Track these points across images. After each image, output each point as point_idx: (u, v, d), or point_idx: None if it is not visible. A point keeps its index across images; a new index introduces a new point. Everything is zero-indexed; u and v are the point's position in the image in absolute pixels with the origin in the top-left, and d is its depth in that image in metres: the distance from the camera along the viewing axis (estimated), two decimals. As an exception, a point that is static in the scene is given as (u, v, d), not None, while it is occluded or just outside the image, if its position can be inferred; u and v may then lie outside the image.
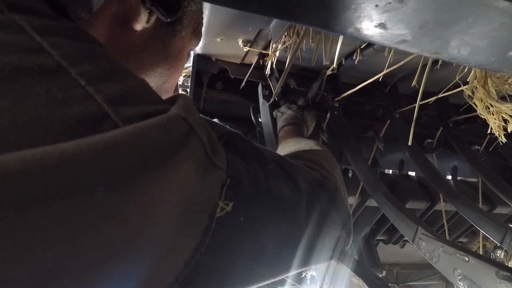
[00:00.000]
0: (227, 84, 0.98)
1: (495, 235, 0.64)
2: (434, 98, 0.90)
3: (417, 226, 0.60)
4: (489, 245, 1.38)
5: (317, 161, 0.46)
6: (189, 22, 0.44)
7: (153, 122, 0.19)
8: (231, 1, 0.30)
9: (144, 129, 0.18)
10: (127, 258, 0.18)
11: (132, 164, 0.18)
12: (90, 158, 0.16)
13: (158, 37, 0.40)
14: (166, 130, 0.19)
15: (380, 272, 1.26)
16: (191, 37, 0.46)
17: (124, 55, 0.37)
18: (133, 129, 0.18)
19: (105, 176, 0.17)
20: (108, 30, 0.35)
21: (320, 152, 0.53)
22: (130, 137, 0.18)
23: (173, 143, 0.20)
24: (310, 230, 0.33)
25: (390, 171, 1.25)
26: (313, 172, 0.41)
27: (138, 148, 0.18)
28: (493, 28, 0.29)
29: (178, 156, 0.20)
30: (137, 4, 0.36)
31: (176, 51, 0.43)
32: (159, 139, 0.19)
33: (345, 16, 0.29)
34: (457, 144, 0.97)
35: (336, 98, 0.91)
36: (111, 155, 0.17)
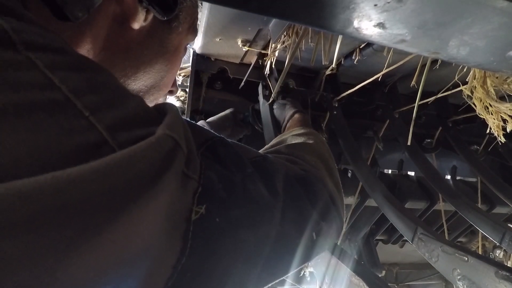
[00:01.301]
0: (226, 84, 0.98)
1: (494, 235, 0.64)
2: (433, 98, 0.90)
3: (417, 226, 0.60)
4: (488, 245, 1.39)
5: (300, 155, 0.47)
6: (185, 18, 0.45)
7: (144, 144, 0.22)
8: (230, 0, 0.30)
9: (137, 150, 0.21)
10: (122, 272, 0.20)
11: (128, 182, 0.20)
12: (93, 180, 0.19)
13: (156, 35, 0.41)
14: (155, 148, 0.22)
15: (380, 272, 1.26)
16: (187, 33, 0.47)
17: (122, 53, 0.38)
18: (128, 151, 0.21)
19: (105, 196, 0.19)
20: (107, 30, 0.36)
21: (310, 145, 0.54)
22: (125, 158, 0.20)
23: (162, 159, 0.22)
24: (287, 229, 0.34)
25: (389, 171, 1.25)
26: (292, 166, 0.42)
27: (133, 167, 0.21)
28: (492, 28, 0.29)
29: (168, 171, 0.22)
30: (135, 3, 0.36)
31: (173, 47, 0.45)
32: (150, 157, 0.22)
33: (344, 15, 0.29)
34: (456, 144, 0.97)
35: (335, 98, 0.91)
36: (111, 175, 0.19)
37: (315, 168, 0.46)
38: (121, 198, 0.20)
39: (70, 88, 0.21)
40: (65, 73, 0.21)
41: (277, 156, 0.44)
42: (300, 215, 0.37)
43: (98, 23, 0.35)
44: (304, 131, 0.62)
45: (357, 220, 1.15)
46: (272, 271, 0.34)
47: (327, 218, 0.42)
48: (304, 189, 0.40)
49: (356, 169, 0.81)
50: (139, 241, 0.21)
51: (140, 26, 0.38)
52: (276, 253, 0.33)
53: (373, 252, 1.25)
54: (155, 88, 0.46)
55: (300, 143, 0.55)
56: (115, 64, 0.39)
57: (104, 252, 0.19)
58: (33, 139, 0.18)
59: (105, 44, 0.37)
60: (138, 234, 0.21)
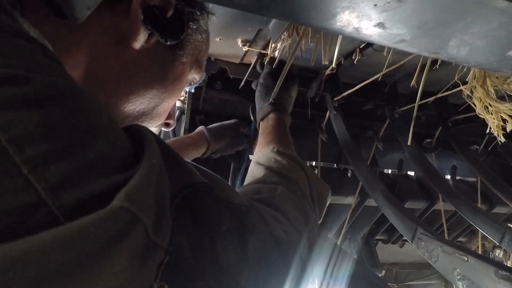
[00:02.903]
0: (226, 84, 0.98)
1: (494, 235, 0.64)
2: (433, 98, 0.90)
3: (416, 225, 0.60)
4: (488, 245, 1.39)
5: (286, 212, 0.43)
6: (192, 50, 0.43)
7: (93, 219, 0.19)
8: (230, 0, 0.29)
9: (82, 228, 0.18)
10: None
11: (67, 263, 0.18)
12: (24, 260, 0.16)
13: (157, 59, 0.39)
14: (106, 226, 0.19)
15: (380, 272, 1.26)
16: (192, 66, 0.45)
17: (118, 71, 0.36)
18: (71, 228, 0.18)
19: (38, 276, 0.17)
20: (103, 43, 0.34)
21: (294, 198, 0.49)
22: (67, 237, 0.18)
23: (113, 237, 0.19)
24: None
25: (389, 170, 1.25)
26: (275, 225, 0.37)
27: (74, 248, 0.18)
28: (492, 28, 0.29)
29: (116, 248, 0.19)
30: (137, 23, 0.35)
31: (174, 76, 0.42)
32: (98, 236, 0.19)
33: (344, 15, 0.29)
34: (456, 144, 0.97)
35: (335, 98, 0.91)
36: (46, 255, 0.17)
37: (295, 229, 0.41)
38: (54, 281, 0.17)
39: (12, 137, 0.17)
40: (11, 114, 0.18)
41: (263, 208, 0.39)
42: (271, 278, 0.33)
43: (93, 34, 0.33)
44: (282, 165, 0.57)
45: (357, 220, 1.15)
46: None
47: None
48: (281, 253, 0.35)
49: (356, 169, 0.81)
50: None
51: (140, 46, 0.36)
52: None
53: (373, 252, 1.25)
54: (146, 116, 0.42)
55: (286, 195, 0.48)
56: (108, 81, 0.36)
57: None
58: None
59: (100, 58, 0.35)
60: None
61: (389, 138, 1.07)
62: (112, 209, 0.20)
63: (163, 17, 0.36)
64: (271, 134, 0.68)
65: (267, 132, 0.70)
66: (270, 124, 0.71)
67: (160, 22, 0.36)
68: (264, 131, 0.71)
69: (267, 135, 0.69)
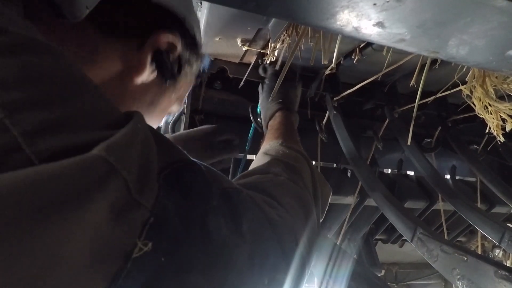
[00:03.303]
0: (226, 84, 0.98)
1: (494, 235, 0.64)
2: (432, 97, 0.90)
3: (416, 225, 0.60)
4: (488, 245, 1.39)
5: (279, 199, 0.42)
6: (179, 88, 0.47)
7: (69, 163, 0.19)
8: (230, 0, 0.29)
9: (56, 170, 0.18)
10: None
11: (39, 205, 0.17)
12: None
13: (150, 93, 0.42)
14: (82, 172, 0.19)
15: (379, 272, 1.26)
16: (175, 101, 0.49)
17: (114, 98, 0.37)
18: (46, 169, 0.18)
19: (3, 219, 0.16)
20: (109, 71, 0.36)
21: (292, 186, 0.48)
22: (41, 177, 0.18)
23: (89, 184, 0.19)
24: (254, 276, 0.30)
25: (389, 170, 1.25)
26: (269, 210, 0.37)
27: (48, 190, 0.18)
28: (492, 27, 0.29)
29: (91, 198, 0.19)
30: (146, 62, 0.38)
31: (160, 109, 0.46)
32: (73, 180, 0.19)
33: (343, 14, 0.29)
34: (456, 144, 0.97)
35: (335, 98, 0.91)
36: (17, 195, 0.17)
37: (291, 215, 0.41)
38: (27, 222, 0.17)
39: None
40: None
41: (255, 194, 0.39)
42: (267, 261, 0.32)
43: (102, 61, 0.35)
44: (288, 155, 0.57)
45: (356, 219, 1.15)
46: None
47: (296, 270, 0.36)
48: (276, 235, 0.35)
49: (355, 169, 0.81)
50: (49, 268, 0.18)
51: (141, 81, 0.39)
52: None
53: (373, 252, 1.25)
54: None
55: (281, 182, 0.48)
56: None
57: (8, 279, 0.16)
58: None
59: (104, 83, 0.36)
60: (50, 261, 0.18)
61: (388, 138, 1.07)
62: (89, 157, 0.19)
63: (168, 60, 0.40)
64: (279, 130, 0.69)
65: (275, 128, 0.71)
66: (278, 121, 0.72)
67: (165, 64, 0.40)
68: (272, 128, 0.72)
69: (275, 131, 0.69)
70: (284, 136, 0.67)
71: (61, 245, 0.18)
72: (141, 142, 0.23)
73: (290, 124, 0.72)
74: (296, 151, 0.61)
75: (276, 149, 0.60)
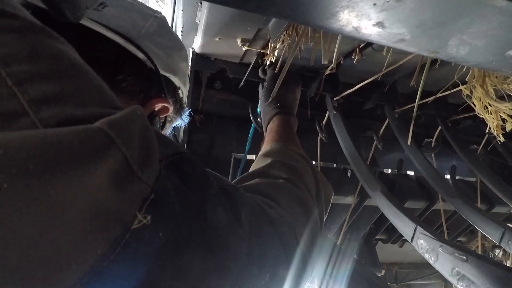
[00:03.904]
0: (226, 84, 0.98)
1: (494, 234, 0.64)
2: (432, 97, 0.90)
3: (416, 225, 0.60)
4: (488, 245, 1.39)
5: (278, 200, 0.42)
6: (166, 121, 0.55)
7: (71, 130, 0.20)
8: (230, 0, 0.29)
9: (61, 135, 0.19)
10: (30, 255, 0.18)
11: (45, 164, 0.19)
12: (5, 150, 0.18)
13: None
14: (83, 140, 0.20)
15: (379, 272, 1.26)
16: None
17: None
18: (51, 133, 0.19)
19: (10, 173, 0.18)
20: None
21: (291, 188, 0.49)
22: (47, 139, 0.19)
23: (90, 153, 0.20)
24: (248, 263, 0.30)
25: (389, 170, 1.25)
26: (268, 209, 0.38)
27: (54, 151, 0.19)
28: (492, 27, 0.29)
29: (92, 166, 0.20)
30: (169, 108, 0.49)
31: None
32: (75, 147, 0.20)
33: (343, 14, 0.29)
34: (456, 144, 0.97)
35: (335, 98, 0.91)
36: (18, 154, 0.18)
37: (290, 214, 0.41)
38: (26, 181, 0.18)
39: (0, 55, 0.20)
40: (4, 37, 0.21)
41: (254, 196, 0.40)
42: (268, 256, 0.32)
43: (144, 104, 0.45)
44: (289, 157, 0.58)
45: (356, 219, 1.15)
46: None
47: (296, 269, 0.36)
48: (276, 231, 0.35)
49: (355, 169, 0.81)
50: (48, 227, 0.19)
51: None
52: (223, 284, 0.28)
53: (373, 252, 1.25)
54: None
55: (280, 184, 0.49)
56: None
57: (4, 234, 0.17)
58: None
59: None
60: (48, 221, 0.19)
61: (389, 138, 1.07)
62: (92, 128, 0.21)
63: (158, 120, 0.48)
64: (278, 133, 0.69)
65: (274, 131, 0.71)
66: (276, 124, 0.72)
67: (154, 123, 0.47)
68: (271, 131, 0.71)
69: (275, 134, 0.69)
70: (284, 138, 0.67)
71: (63, 204, 0.19)
72: (141, 125, 0.25)
73: (289, 127, 0.72)
74: (296, 153, 0.60)
75: (276, 151, 0.60)
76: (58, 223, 0.19)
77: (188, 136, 1.02)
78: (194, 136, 1.04)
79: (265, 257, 0.32)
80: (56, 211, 0.19)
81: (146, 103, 0.46)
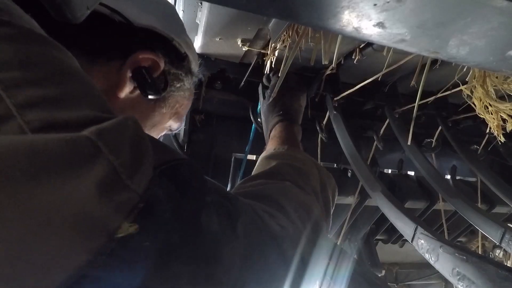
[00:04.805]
0: (226, 84, 0.98)
1: (494, 235, 0.64)
2: (433, 97, 0.90)
3: (416, 225, 0.60)
4: (488, 245, 1.39)
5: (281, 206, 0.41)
6: (173, 103, 0.49)
7: (59, 139, 0.20)
8: (230, 0, 0.29)
9: (49, 142, 0.20)
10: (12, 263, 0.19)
11: (32, 171, 0.19)
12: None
13: (138, 108, 0.44)
14: (70, 148, 0.20)
15: (380, 272, 1.26)
16: (171, 116, 0.50)
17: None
18: (39, 139, 0.20)
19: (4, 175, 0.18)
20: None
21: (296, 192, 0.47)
22: (34, 145, 0.19)
23: (76, 161, 0.21)
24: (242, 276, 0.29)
25: (389, 170, 1.25)
26: (268, 220, 0.36)
27: (41, 158, 0.19)
28: (492, 28, 0.29)
29: (78, 174, 0.20)
30: (125, 78, 0.42)
31: (152, 123, 0.48)
32: (60, 155, 0.20)
33: (343, 15, 0.29)
34: (456, 144, 0.97)
35: (335, 98, 0.91)
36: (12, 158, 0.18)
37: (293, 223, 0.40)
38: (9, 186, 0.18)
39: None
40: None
41: (255, 203, 0.38)
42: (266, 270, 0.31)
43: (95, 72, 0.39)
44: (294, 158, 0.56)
45: (356, 220, 1.15)
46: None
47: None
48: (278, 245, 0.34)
49: (356, 169, 0.81)
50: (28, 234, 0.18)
51: (125, 95, 0.42)
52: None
53: (373, 252, 1.25)
54: None
55: (285, 187, 0.47)
56: None
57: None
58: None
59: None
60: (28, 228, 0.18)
61: (389, 138, 1.07)
62: (78, 136, 0.21)
63: (149, 76, 0.43)
64: (281, 138, 0.68)
65: (277, 136, 0.69)
66: (279, 130, 0.71)
67: (145, 80, 0.42)
68: (274, 137, 0.70)
69: (278, 139, 0.68)
70: (288, 142, 0.65)
71: (48, 212, 0.19)
72: (133, 133, 0.25)
73: (293, 133, 0.70)
74: (302, 155, 0.60)
75: (281, 153, 0.59)
76: (43, 229, 0.19)
77: (188, 136, 1.02)
78: (194, 136, 1.04)
79: (264, 272, 0.31)
80: (42, 217, 0.19)
81: (127, 60, 0.42)
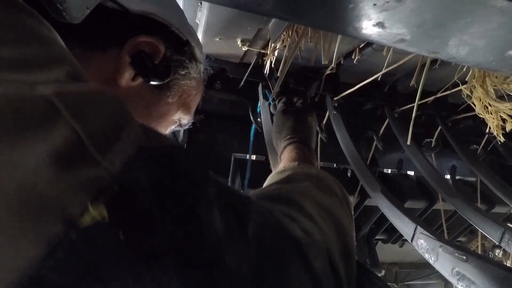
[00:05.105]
0: (226, 84, 0.98)
1: (494, 234, 0.64)
2: (432, 97, 0.90)
3: (416, 225, 0.60)
4: (488, 245, 1.39)
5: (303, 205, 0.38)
6: (179, 92, 0.46)
7: (5, 93, 0.17)
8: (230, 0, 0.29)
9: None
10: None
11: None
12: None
13: (143, 97, 0.42)
14: (18, 107, 0.17)
15: (379, 271, 1.26)
16: (179, 107, 0.47)
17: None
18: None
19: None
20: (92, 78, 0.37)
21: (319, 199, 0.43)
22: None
23: (24, 124, 0.17)
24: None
25: (389, 170, 1.25)
26: (291, 225, 0.32)
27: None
28: (492, 28, 0.29)
29: (28, 140, 0.17)
30: (124, 64, 0.39)
31: (159, 114, 0.45)
32: (4, 116, 0.17)
33: (343, 15, 0.29)
34: (456, 144, 0.97)
35: (335, 98, 0.91)
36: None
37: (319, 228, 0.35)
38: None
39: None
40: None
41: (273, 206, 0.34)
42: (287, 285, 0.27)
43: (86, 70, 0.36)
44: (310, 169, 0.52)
45: (356, 219, 1.15)
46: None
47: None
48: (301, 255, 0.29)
49: (355, 169, 0.81)
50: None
51: (127, 84, 0.39)
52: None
53: (373, 252, 1.25)
54: None
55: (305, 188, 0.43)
56: None
57: None
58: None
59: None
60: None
61: (389, 138, 1.07)
62: (29, 94, 0.18)
63: (150, 62, 0.40)
64: (291, 157, 0.63)
65: (286, 158, 0.64)
66: (288, 151, 0.65)
67: (146, 65, 0.40)
68: (283, 158, 0.65)
69: (289, 157, 0.63)
70: (299, 159, 0.60)
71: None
72: (110, 102, 0.22)
73: (305, 154, 0.64)
74: (316, 168, 0.56)
75: (294, 167, 0.55)
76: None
77: (188, 136, 1.02)
78: (194, 136, 1.04)
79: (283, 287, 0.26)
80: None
81: (125, 46, 0.39)
